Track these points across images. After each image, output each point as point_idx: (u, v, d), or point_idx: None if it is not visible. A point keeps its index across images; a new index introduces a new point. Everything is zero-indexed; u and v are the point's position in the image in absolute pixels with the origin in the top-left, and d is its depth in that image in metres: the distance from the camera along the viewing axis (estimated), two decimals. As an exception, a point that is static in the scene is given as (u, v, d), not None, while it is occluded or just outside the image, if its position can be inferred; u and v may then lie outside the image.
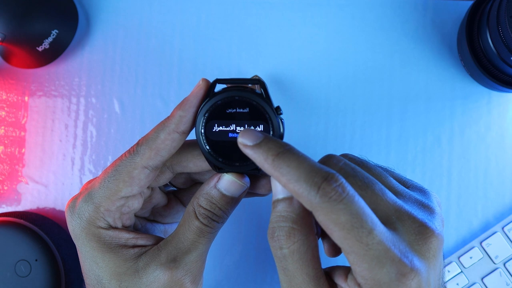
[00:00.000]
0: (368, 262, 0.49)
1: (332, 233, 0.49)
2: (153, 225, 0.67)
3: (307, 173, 0.50)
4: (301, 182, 0.50)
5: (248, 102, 0.57)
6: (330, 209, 0.49)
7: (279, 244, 0.52)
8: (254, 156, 0.53)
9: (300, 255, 0.52)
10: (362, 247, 0.49)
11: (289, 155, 0.52)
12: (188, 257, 0.59)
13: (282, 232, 0.52)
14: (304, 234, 0.52)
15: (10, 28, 0.75)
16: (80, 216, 0.60)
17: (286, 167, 0.51)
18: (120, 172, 0.58)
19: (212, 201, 0.59)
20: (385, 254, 0.49)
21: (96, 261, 0.60)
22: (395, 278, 0.49)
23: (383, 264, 0.49)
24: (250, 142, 0.53)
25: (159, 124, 0.58)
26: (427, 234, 0.52)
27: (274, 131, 0.57)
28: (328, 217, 0.49)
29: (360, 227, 0.49)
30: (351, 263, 0.50)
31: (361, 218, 0.49)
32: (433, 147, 0.80)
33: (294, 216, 0.53)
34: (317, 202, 0.49)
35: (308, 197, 0.50)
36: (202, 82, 0.58)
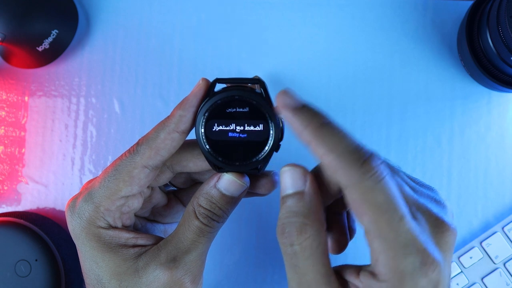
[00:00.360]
0: (395, 250, 0.48)
1: (364, 213, 0.49)
2: (153, 225, 0.67)
3: (350, 148, 0.50)
4: (345, 155, 0.50)
5: (248, 102, 0.57)
6: (369, 187, 0.49)
7: (289, 240, 0.52)
8: (294, 120, 0.52)
9: (311, 251, 0.51)
10: (392, 232, 0.48)
11: (332, 126, 0.51)
12: (188, 257, 0.59)
13: (293, 227, 0.52)
14: (316, 229, 0.52)
15: (10, 28, 0.75)
16: (80, 215, 0.60)
17: (329, 137, 0.50)
18: (120, 172, 0.58)
19: (212, 201, 0.59)
20: (412, 242, 0.49)
21: (96, 261, 0.60)
22: (419, 268, 0.49)
23: (409, 253, 0.48)
24: (292, 104, 0.53)
25: (159, 124, 0.58)
26: (443, 227, 0.52)
27: (275, 130, 0.57)
28: (364, 196, 0.49)
29: (393, 211, 0.49)
30: (375, 250, 0.49)
31: (395, 202, 0.49)
32: (433, 147, 0.80)
33: (305, 211, 0.52)
34: (357, 178, 0.49)
35: (349, 171, 0.49)
36: (202, 81, 0.58)
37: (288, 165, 0.54)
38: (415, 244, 0.49)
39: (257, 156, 0.58)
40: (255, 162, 0.58)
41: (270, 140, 0.57)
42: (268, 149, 0.57)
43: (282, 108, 0.53)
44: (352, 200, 0.50)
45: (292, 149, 0.79)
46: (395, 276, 0.49)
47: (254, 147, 0.58)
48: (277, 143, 0.58)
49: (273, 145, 0.57)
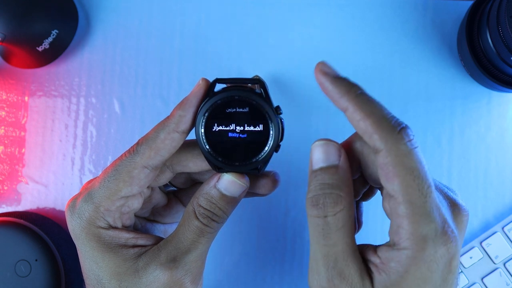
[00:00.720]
0: (421, 215, 0.50)
1: (395, 177, 0.50)
2: (153, 225, 0.67)
3: (387, 115, 0.52)
4: (382, 119, 0.51)
5: (248, 102, 0.57)
6: (404, 152, 0.50)
7: (323, 211, 0.52)
8: (333, 87, 0.54)
9: (344, 222, 0.52)
10: (421, 197, 0.50)
11: (370, 96, 0.54)
12: (188, 257, 0.59)
13: (330, 199, 0.53)
14: (349, 202, 0.53)
15: (10, 28, 0.75)
16: (80, 216, 0.60)
17: (368, 104, 0.53)
18: (120, 172, 0.58)
19: (212, 201, 0.59)
20: (436, 209, 0.50)
21: (96, 261, 0.60)
22: (440, 236, 0.50)
23: (433, 219, 0.50)
24: (332, 72, 0.55)
25: (159, 124, 0.58)
26: (459, 208, 0.54)
27: (274, 130, 0.57)
28: (399, 159, 0.50)
29: (424, 178, 0.50)
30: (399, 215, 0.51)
31: (426, 170, 0.51)
32: (433, 147, 0.80)
33: (340, 184, 0.53)
34: (394, 141, 0.50)
35: (386, 135, 0.51)
36: (202, 81, 0.58)
37: (321, 139, 0.56)
38: (438, 212, 0.51)
39: (257, 157, 0.58)
40: (255, 162, 0.58)
41: (270, 140, 0.57)
42: (268, 149, 0.57)
43: (321, 76, 0.55)
44: (384, 163, 0.51)
45: (292, 149, 0.79)
46: (417, 242, 0.50)
47: (254, 147, 0.58)
48: (277, 143, 0.58)
49: (273, 146, 0.57)
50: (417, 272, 0.50)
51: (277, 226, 0.81)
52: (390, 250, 0.52)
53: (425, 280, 0.51)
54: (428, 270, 0.50)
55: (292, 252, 0.80)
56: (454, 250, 0.51)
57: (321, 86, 0.55)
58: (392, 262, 0.51)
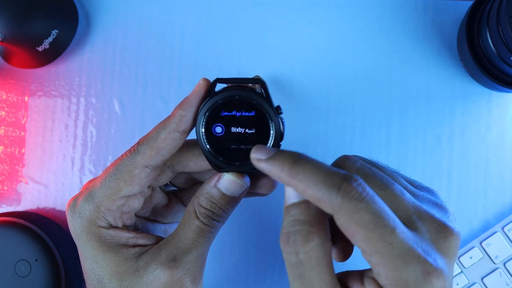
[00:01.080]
0: (393, 261, 0.48)
1: (355, 234, 0.49)
2: (154, 225, 0.67)
3: (325, 177, 0.50)
4: (320, 186, 0.49)
5: (249, 102, 0.57)
6: (352, 208, 0.48)
7: (295, 249, 0.51)
8: (270, 168, 0.52)
9: (318, 260, 0.50)
10: (386, 246, 0.48)
11: (304, 162, 0.51)
12: (188, 257, 0.59)
13: (299, 236, 0.51)
14: (321, 238, 0.51)
15: (10, 28, 0.75)
16: (81, 215, 0.60)
17: (303, 173, 0.50)
18: (121, 172, 0.58)
19: (212, 201, 0.59)
20: (409, 252, 0.48)
21: (96, 261, 0.60)
22: (421, 277, 0.48)
23: (408, 263, 0.48)
24: (264, 156, 0.53)
25: (160, 124, 0.58)
26: (447, 233, 0.52)
27: (275, 130, 0.57)
28: (350, 217, 0.48)
29: (383, 226, 0.48)
30: (375, 265, 0.49)
31: (383, 217, 0.49)
32: (433, 147, 0.80)
33: (311, 220, 0.51)
34: (339, 203, 0.48)
35: (329, 199, 0.49)
36: (202, 81, 0.58)
37: None
38: (413, 254, 0.48)
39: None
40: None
41: (270, 140, 0.57)
42: None
43: (257, 163, 0.53)
44: (341, 225, 0.49)
45: (292, 149, 0.79)
46: (399, 287, 0.49)
47: None
48: (277, 143, 0.58)
49: (273, 145, 0.57)
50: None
51: (277, 226, 0.81)
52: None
53: None
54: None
55: (292, 252, 0.80)
56: (441, 285, 0.49)
57: (263, 171, 0.53)
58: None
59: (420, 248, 0.49)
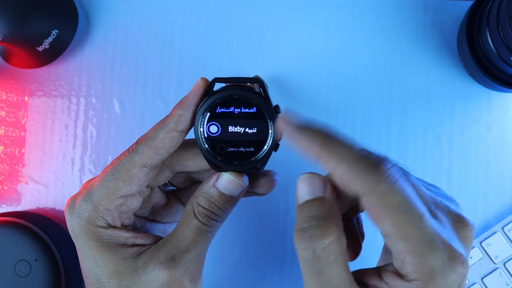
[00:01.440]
0: (420, 247, 0.48)
1: (384, 217, 0.49)
2: (153, 225, 0.67)
3: (360, 156, 0.50)
4: (355, 162, 0.50)
5: (247, 101, 0.57)
6: (384, 190, 0.48)
7: (312, 244, 0.50)
8: (299, 139, 0.52)
9: (335, 256, 0.50)
10: (415, 231, 0.48)
11: (339, 138, 0.51)
12: (187, 256, 0.59)
13: (316, 231, 0.50)
14: (338, 234, 0.50)
15: (10, 28, 0.75)
16: (79, 215, 0.60)
17: (338, 149, 0.50)
18: (119, 171, 0.58)
19: (211, 200, 0.59)
20: (436, 238, 0.48)
21: (95, 260, 0.60)
22: (447, 263, 0.48)
23: (436, 249, 0.48)
24: (295, 124, 0.53)
25: (158, 123, 0.58)
26: (463, 223, 0.52)
27: (274, 129, 0.57)
28: (382, 199, 0.48)
29: (413, 211, 0.48)
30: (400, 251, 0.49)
31: (413, 202, 0.49)
32: (433, 147, 0.80)
33: (327, 215, 0.51)
34: (371, 183, 0.49)
35: (362, 178, 0.49)
36: (201, 81, 0.58)
37: (305, 173, 0.53)
38: (440, 239, 0.49)
39: (256, 156, 0.58)
40: (254, 161, 0.58)
41: (269, 140, 0.57)
42: (267, 148, 0.57)
43: (286, 128, 0.53)
44: (369, 206, 0.49)
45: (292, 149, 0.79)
46: (425, 274, 0.48)
47: (253, 146, 0.58)
48: (276, 142, 0.58)
49: (271, 145, 0.57)
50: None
51: (277, 226, 0.81)
52: (399, 279, 0.50)
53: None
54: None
55: (292, 252, 0.80)
56: (464, 272, 0.50)
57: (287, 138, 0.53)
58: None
59: (446, 234, 0.49)
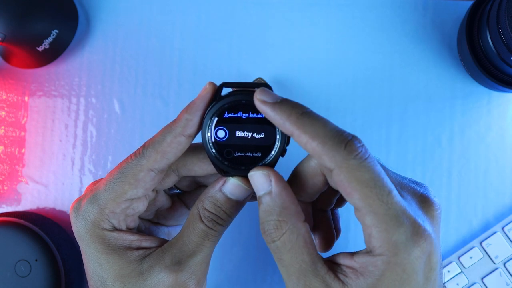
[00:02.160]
0: (387, 222, 0.50)
1: (353, 191, 0.51)
2: (157, 228, 0.67)
3: (332, 132, 0.52)
4: (327, 139, 0.52)
5: (255, 106, 0.57)
6: (355, 166, 0.51)
7: (270, 237, 0.54)
8: (274, 113, 0.54)
9: (291, 244, 0.53)
10: (382, 206, 0.50)
11: (313, 115, 0.53)
12: (192, 260, 0.59)
13: (270, 226, 0.54)
14: (292, 223, 0.54)
15: (10, 28, 0.75)
16: (85, 217, 0.60)
17: (311, 125, 0.52)
18: (126, 174, 0.58)
19: (217, 204, 0.59)
20: (402, 214, 0.51)
21: (100, 263, 0.60)
22: (411, 238, 0.50)
23: (401, 224, 0.50)
24: (270, 99, 0.55)
25: (166, 127, 0.58)
26: (429, 202, 0.55)
27: (281, 135, 0.57)
28: (352, 174, 0.51)
29: (382, 186, 0.51)
30: (367, 226, 0.51)
31: (382, 178, 0.51)
32: (433, 147, 0.80)
33: (277, 209, 0.54)
34: (342, 159, 0.51)
35: (333, 153, 0.51)
36: (209, 85, 0.58)
37: (253, 169, 0.57)
38: (405, 215, 0.51)
39: (263, 161, 0.58)
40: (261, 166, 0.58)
41: (276, 145, 0.57)
42: (274, 153, 0.57)
43: (260, 104, 0.55)
44: (340, 181, 0.51)
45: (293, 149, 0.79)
46: (389, 249, 0.50)
47: (260, 152, 0.58)
48: (283, 147, 0.57)
49: (279, 150, 0.57)
50: (393, 275, 0.51)
51: (277, 226, 0.81)
52: (367, 256, 0.52)
53: (403, 282, 0.51)
54: (404, 272, 0.51)
55: (292, 252, 0.81)
56: (430, 248, 0.51)
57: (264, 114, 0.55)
58: (369, 266, 0.52)
59: (412, 211, 0.52)
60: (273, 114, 0.54)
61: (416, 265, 0.51)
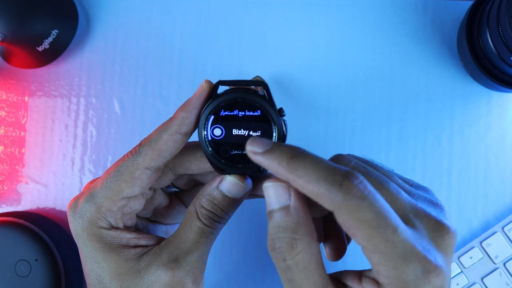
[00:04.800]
0: (394, 261, 0.48)
1: (356, 232, 0.49)
2: (155, 226, 0.67)
3: (326, 172, 0.49)
4: (321, 181, 0.49)
5: (251, 104, 0.57)
6: (354, 207, 0.48)
7: (281, 256, 0.51)
8: (267, 162, 0.52)
9: (304, 264, 0.51)
10: (388, 245, 0.48)
11: (304, 157, 0.51)
12: (189, 257, 0.59)
13: (283, 243, 0.51)
14: (306, 242, 0.51)
15: (10, 28, 0.75)
16: (82, 216, 0.60)
17: (303, 168, 0.50)
18: (122, 173, 0.58)
19: (214, 202, 0.59)
20: (410, 251, 0.48)
21: (97, 261, 0.60)
22: (421, 276, 0.48)
23: (409, 262, 0.48)
24: (260, 149, 0.52)
25: (162, 125, 0.58)
26: (444, 230, 0.52)
27: (277, 132, 0.57)
28: (352, 216, 0.48)
29: (385, 225, 0.48)
30: (375, 264, 0.49)
31: (385, 216, 0.48)
32: (433, 147, 0.80)
33: (293, 226, 0.51)
34: (340, 200, 0.48)
35: (330, 196, 0.49)
36: (205, 83, 0.58)
37: (270, 180, 0.53)
38: (414, 252, 0.49)
39: None
40: (257, 164, 0.58)
41: None
42: None
43: (252, 155, 0.53)
44: (341, 222, 0.49)
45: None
46: (399, 286, 0.49)
47: None
48: None
49: None
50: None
51: (277, 226, 0.81)
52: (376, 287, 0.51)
53: None
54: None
55: (292, 252, 0.80)
56: (440, 283, 0.50)
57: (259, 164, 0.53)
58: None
59: (421, 246, 0.49)
60: (266, 163, 0.52)
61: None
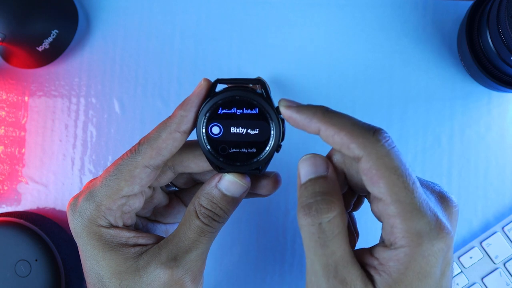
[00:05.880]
0: (411, 211, 0.50)
1: (380, 179, 0.51)
2: (155, 225, 0.67)
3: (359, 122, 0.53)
4: (355, 127, 0.52)
5: (249, 102, 0.57)
6: (384, 152, 0.51)
7: (317, 218, 0.52)
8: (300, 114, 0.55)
9: (339, 229, 0.52)
10: (408, 194, 0.50)
11: (337, 111, 0.54)
12: (188, 256, 0.59)
13: (322, 205, 0.52)
14: (342, 208, 0.53)
15: (10, 28, 0.75)
16: (82, 214, 0.60)
17: (337, 118, 0.53)
18: (122, 171, 0.58)
19: (213, 201, 0.59)
20: (426, 204, 0.51)
21: (97, 260, 0.60)
22: (435, 230, 0.50)
23: (425, 214, 0.50)
24: (294, 104, 0.55)
25: (161, 124, 0.58)
26: (447, 200, 0.54)
27: (276, 131, 0.57)
28: (381, 160, 0.51)
29: (408, 175, 0.51)
30: (391, 216, 0.51)
31: (407, 167, 0.51)
32: (433, 147, 0.80)
33: (331, 191, 0.53)
34: (371, 144, 0.51)
35: (362, 139, 0.51)
36: (203, 82, 0.58)
37: (308, 154, 0.56)
38: (429, 205, 0.51)
39: (258, 157, 0.58)
40: (256, 162, 0.58)
41: (271, 141, 0.57)
42: (269, 149, 0.57)
43: (286, 110, 0.55)
44: (367, 168, 0.51)
45: (293, 150, 0.79)
46: (413, 239, 0.50)
47: (255, 148, 0.58)
48: (278, 143, 0.58)
49: (274, 146, 0.57)
50: (416, 267, 0.50)
51: (277, 226, 0.81)
52: (387, 250, 0.52)
53: (425, 275, 0.51)
54: (427, 265, 0.50)
55: (292, 252, 0.80)
56: (450, 242, 0.51)
57: (289, 119, 0.56)
58: (391, 261, 0.51)
59: (433, 205, 0.52)
60: (298, 115, 0.55)
61: (437, 258, 0.51)
